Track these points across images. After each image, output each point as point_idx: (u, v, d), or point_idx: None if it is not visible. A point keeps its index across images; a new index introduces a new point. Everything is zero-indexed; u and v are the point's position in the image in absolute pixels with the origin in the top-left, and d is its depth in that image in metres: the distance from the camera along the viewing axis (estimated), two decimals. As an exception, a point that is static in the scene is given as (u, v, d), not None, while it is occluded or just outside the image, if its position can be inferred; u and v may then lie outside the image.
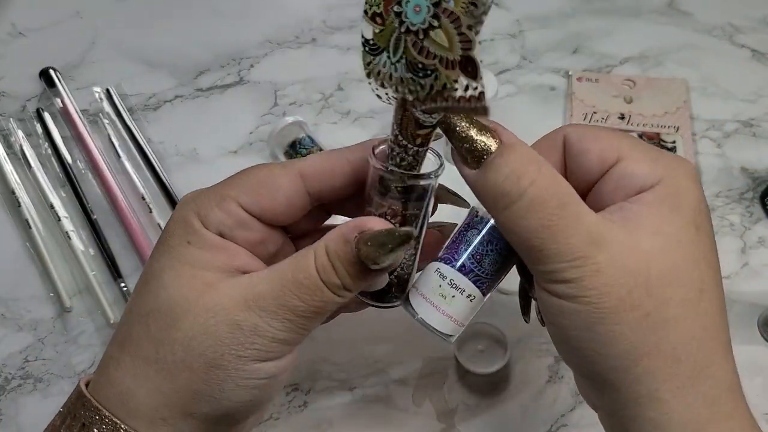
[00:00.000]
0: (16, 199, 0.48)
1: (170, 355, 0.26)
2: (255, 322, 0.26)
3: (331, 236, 0.27)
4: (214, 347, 0.26)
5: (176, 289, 0.27)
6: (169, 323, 0.26)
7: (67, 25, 0.62)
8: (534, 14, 0.63)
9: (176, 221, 0.29)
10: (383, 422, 0.40)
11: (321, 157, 0.30)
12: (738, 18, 0.62)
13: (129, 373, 0.27)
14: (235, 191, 0.29)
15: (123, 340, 0.28)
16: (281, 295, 0.26)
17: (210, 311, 0.26)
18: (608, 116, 0.55)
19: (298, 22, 0.63)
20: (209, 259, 0.27)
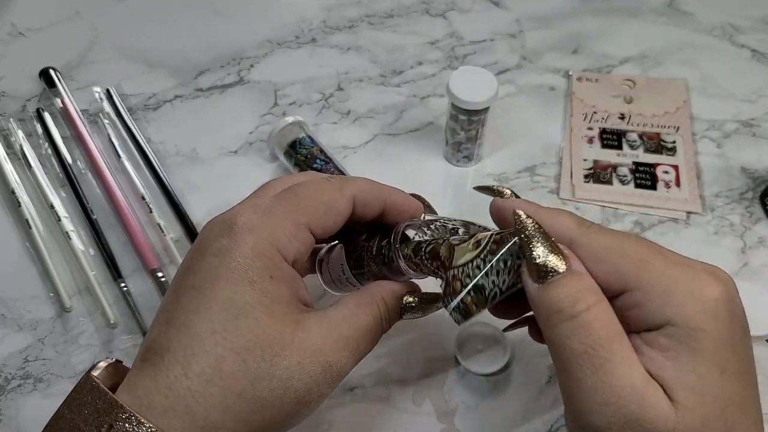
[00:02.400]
0: (16, 199, 0.48)
1: (268, 392, 0.27)
2: (343, 363, 0.29)
3: (387, 293, 0.32)
4: (307, 385, 0.28)
5: (271, 326, 0.28)
6: (269, 361, 0.27)
7: (67, 25, 0.62)
8: (534, 14, 0.63)
9: (255, 253, 0.29)
10: (383, 422, 0.40)
11: (368, 190, 0.33)
12: (738, 18, 0.62)
13: (219, 407, 0.27)
14: (307, 218, 0.30)
15: (207, 372, 0.27)
16: (360, 338, 0.30)
17: (306, 351, 0.28)
18: (608, 116, 0.55)
19: (298, 22, 0.63)
20: (289, 294, 0.29)
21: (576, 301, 0.25)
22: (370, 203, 0.33)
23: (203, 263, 0.29)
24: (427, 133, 0.54)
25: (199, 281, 0.29)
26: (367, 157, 0.53)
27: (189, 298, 0.29)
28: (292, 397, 0.28)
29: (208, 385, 0.27)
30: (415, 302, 0.32)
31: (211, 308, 0.28)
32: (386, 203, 0.33)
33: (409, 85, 0.58)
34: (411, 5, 0.64)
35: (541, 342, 0.32)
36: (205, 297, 0.28)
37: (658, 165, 0.52)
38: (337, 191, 0.31)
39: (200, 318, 0.28)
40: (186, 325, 0.28)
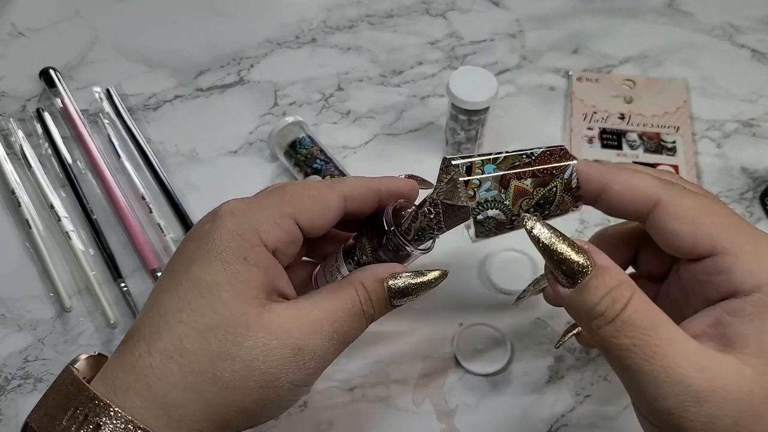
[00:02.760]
0: (16, 199, 0.48)
1: (229, 372, 0.27)
2: (315, 345, 0.28)
3: (366, 276, 0.31)
4: (273, 368, 0.27)
5: (237, 306, 0.27)
6: (231, 340, 0.27)
7: (67, 25, 0.62)
8: (534, 14, 0.63)
9: (232, 234, 0.28)
10: (383, 422, 0.40)
11: (360, 184, 0.32)
12: (738, 18, 0.62)
13: (179, 385, 0.26)
14: (292, 208, 0.30)
15: (169, 348, 0.27)
16: (335, 321, 0.29)
17: (272, 332, 0.27)
18: (608, 116, 0.55)
19: (298, 22, 0.63)
20: (262, 279, 0.29)
21: (613, 302, 0.25)
22: (363, 197, 0.32)
23: (184, 247, 0.30)
24: (427, 133, 0.54)
25: (176, 264, 0.29)
26: (367, 157, 0.53)
27: (164, 280, 0.29)
28: (257, 380, 0.27)
29: (168, 361, 0.27)
30: (401, 283, 0.31)
31: (180, 287, 0.28)
32: (381, 193, 0.33)
33: (409, 85, 0.58)
34: (411, 5, 0.64)
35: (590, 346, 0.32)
36: (177, 277, 0.28)
37: (658, 165, 0.52)
38: (327, 188, 0.31)
39: (169, 296, 0.28)
40: (156, 304, 0.28)
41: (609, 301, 0.25)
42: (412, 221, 0.32)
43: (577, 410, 0.40)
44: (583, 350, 0.42)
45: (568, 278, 0.25)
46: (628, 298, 0.25)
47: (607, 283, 0.25)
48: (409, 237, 0.32)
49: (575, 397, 0.41)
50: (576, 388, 0.41)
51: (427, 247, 0.33)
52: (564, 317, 0.43)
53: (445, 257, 0.46)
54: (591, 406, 0.40)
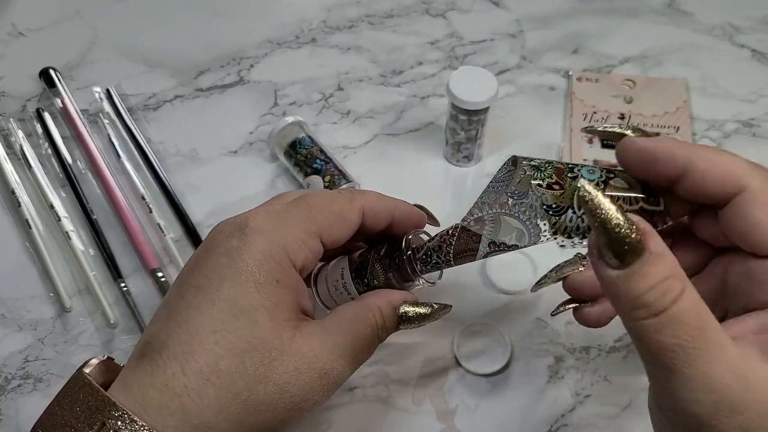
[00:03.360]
0: (16, 199, 0.48)
1: (263, 395, 0.27)
2: (339, 372, 0.30)
3: (383, 303, 0.32)
4: (302, 392, 0.28)
5: (271, 330, 0.28)
6: (266, 364, 0.28)
7: (67, 25, 0.62)
8: (534, 14, 0.63)
9: (264, 256, 0.29)
10: (383, 422, 0.40)
11: (377, 200, 0.33)
12: (738, 18, 0.62)
13: (213, 406, 0.27)
14: (317, 226, 0.31)
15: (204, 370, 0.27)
16: (356, 347, 0.30)
17: (303, 357, 0.28)
18: (608, 116, 0.55)
19: (298, 22, 0.63)
20: (292, 300, 0.29)
21: (663, 294, 0.22)
22: (379, 215, 0.33)
23: (210, 262, 0.29)
24: (427, 133, 0.54)
25: (204, 280, 0.29)
26: (367, 157, 0.53)
27: (192, 296, 0.29)
28: (287, 403, 0.28)
29: (205, 384, 0.27)
30: (411, 312, 0.33)
31: (214, 307, 0.28)
32: (394, 215, 0.34)
33: (409, 85, 0.58)
34: (411, 5, 0.64)
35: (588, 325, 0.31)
36: (209, 296, 0.28)
37: (658, 165, 0.52)
38: (348, 202, 0.32)
39: (202, 316, 0.28)
40: (187, 322, 0.28)
41: (659, 293, 0.22)
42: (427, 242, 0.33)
43: (577, 410, 0.40)
44: (583, 350, 0.42)
45: (618, 258, 0.22)
46: (679, 293, 0.22)
47: (660, 272, 0.22)
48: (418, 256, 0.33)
49: (575, 397, 0.41)
50: (576, 388, 0.41)
51: (433, 280, 0.34)
52: (564, 317, 0.43)
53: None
54: (591, 406, 0.40)
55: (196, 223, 0.49)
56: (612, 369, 0.42)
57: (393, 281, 0.34)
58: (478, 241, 0.31)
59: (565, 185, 0.29)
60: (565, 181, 0.29)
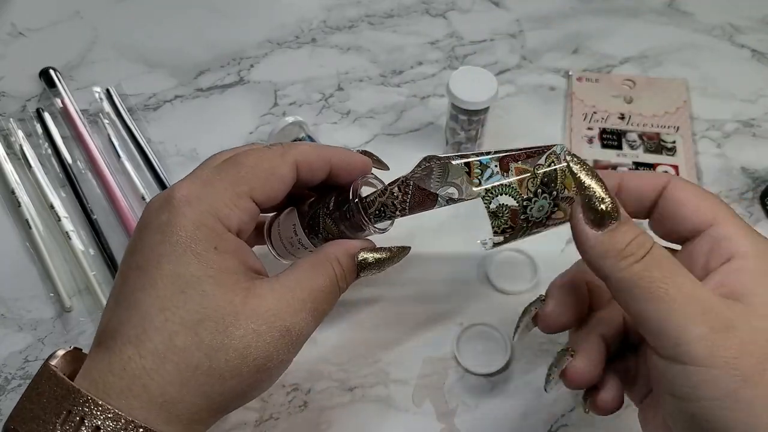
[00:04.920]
0: (16, 199, 0.48)
1: (224, 362, 0.27)
2: (302, 326, 0.29)
3: (341, 253, 0.32)
4: (265, 352, 0.28)
5: (221, 296, 0.27)
6: (222, 331, 0.27)
7: (67, 25, 0.62)
8: (534, 14, 0.63)
9: (196, 225, 0.28)
10: (383, 422, 0.40)
11: (311, 151, 0.32)
12: (738, 18, 0.62)
13: (176, 382, 0.26)
14: (248, 186, 0.30)
15: (160, 349, 0.27)
16: (317, 299, 0.30)
17: (260, 317, 0.28)
18: (608, 116, 0.55)
19: (298, 22, 0.63)
20: (236, 263, 0.29)
21: (642, 244, 0.26)
22: (314, 166, 0.32)
23: (146, 241, 0.29)
24: (427, 133, 0.54)
25: (143, 260, 0.28)
26: (367, 157, 0.53)
27: (135, 278, 0.28)
28: (251, 366, 0.27)
29: (162, 361, 0.26)
30: (371, 257, 0.32)
31: (157, 285, 0.28)
32: (332, 164, 0.33)
33: (409, 85, 0.58)
34: (411, 5, 0.64)
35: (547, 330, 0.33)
36: (151, 274, 0.28)
37: (658, 165, 0.52)
38: (279, 157, 0.31)
39: (148, 296, 0.28)
40: (135, 305, 0.28)
41: (638, 243, 0.26)
42: (378, 197, 0.32)
43: (577, 410, 0.40)
44: (583, 350, 0.42)
45: (599, 218, 0.27)
46: (651, 243, 0.27)
47: (634, 229, 0.27)
48: (369, 212, 0.32)
49: (575, 397, 0.41)
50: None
51: (383, 228, 0.34)
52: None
53: (444, 257, 0.46)
54: (591, 406, 0.40)
55: (196, 223, 0.49)
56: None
57: (347, 233, 0.33)
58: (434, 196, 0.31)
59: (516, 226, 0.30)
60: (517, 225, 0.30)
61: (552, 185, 0.30)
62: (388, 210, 0.32)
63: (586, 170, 0.28)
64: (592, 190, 0.27)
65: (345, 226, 0.33)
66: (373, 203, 0.32)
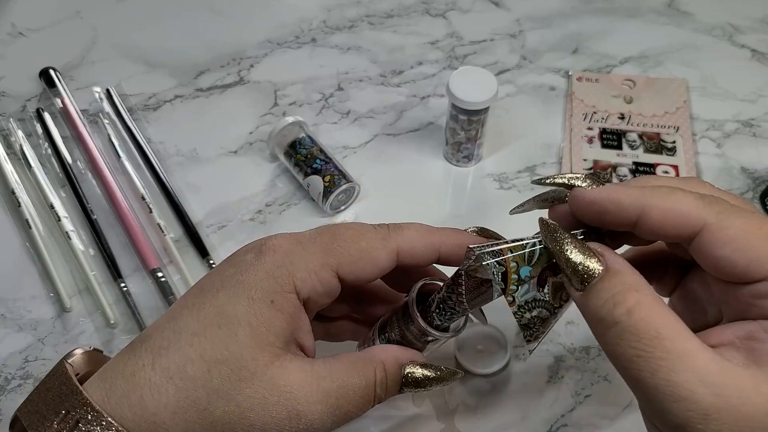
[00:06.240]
0: (16, 199, 0.48)
1: (221, 412, 0.26)
2: (314, 418, 0.27)
3: (389, 358, 0.30)
4: (265, 424, 0.26)
5: (249, 349, 0.27)
6: (233, 382, 0.26)
7: (67, 25, 0.62)
8: (534, 14, 0.63)
9: (267, 274, 0.28)
10: (383, 422, 0.40)
11: (417, 238, 0.30)
12: (738, 18, 0.62)
13: (170, 407, 0.26)
14: (336, 260, 0.29)
15: (172, 368, 0.26)
16: (343, 397, 0.28)
17: (276, 389, 0.27)
18: (608, 116, 0.55)
19: (298, 22, 0.63)
20: (283, 326, 0.28)
21: (615, 306, 0.23)
22: (419, 253, 0.30)
23: (221, 269, 0.29)
24: (427, 133, 0.54)
25: (207, 284, 0.29)
26: (367, 157, 0.53)
27: (191, 296, 0.29)
28: (244, 429, 0.26)
29: (167, 382, 0.26)
30: (418, 373, 0.30)
31: (202, 310, 0.27)
32: (441, 252, 0.31)
33: (409, 85, 0.58)
34: (411, 5, 0.64)
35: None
36: (203, 299, 0.28)
37: (658, 165, 0.52)
38: (379, 240, 0.30)
39: (188, 316, 0.28)
40: (176, 319, 0.28)
41: (610, 305, 0.23)
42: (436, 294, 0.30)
43: (577, 410, 0.40)
44: (583, 350, 0.42)
45: (578, 280, 0.25)
46: (631, 304, 0.23)
47: (612, 287, 0.24)
48: (430, 310, 0.30)
49: (575, 397, 0.41)
50: (576, 388, 0.41)
51: (454, 331, 0.31)
52: (564, 317, 0.43)
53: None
54: (591, 406, 0.40)
55: (196, 223, 0.49)
56: (612, 369, 0.41)
57: (411, 338, 0.31)
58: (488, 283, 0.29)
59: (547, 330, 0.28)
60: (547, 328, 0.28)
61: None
62: (447, 306, 0.30)
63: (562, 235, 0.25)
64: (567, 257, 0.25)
65: (409, 331, 0.31)
66: (433, 302, 0.30)
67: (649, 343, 0.23)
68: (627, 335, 0.23)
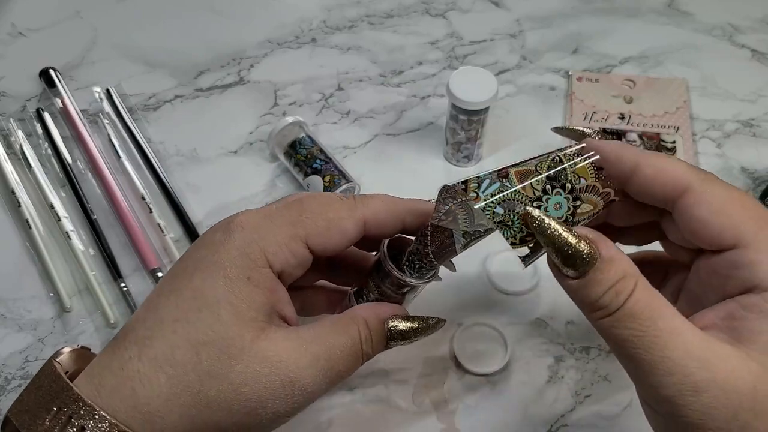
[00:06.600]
0: (16, 199, 0.48)
1: (216, 392, 0.26)
2: (307, 382, 0.28)
3: (370, 315, 0.30)
4: (260, 396, 0.27)
5: (233, 327, 0.27)
6: (223, 361, 0.27)
7: (67, 25, 0.62)
8: (534, 14, 0.63)
9: (240, 252, 0.28)
10: (383, 422, 0.40)
11: (382, 208, 0.31)
12: (738, 18, 0.62)
13: (163, 395, 0.26)
14: (305, 231, 0.29)
15: (159, 357, 0.26)
16: (332, 358, 0.28)
17: (266, 360, 0.27)
18: (608, 116, 0.55)
19: (298, 22, 0.63)
20: (263, 300, 0.28)
21: (617, 295, 0.25)
22: (384, 223, 0.31)
23: (192, 253, 0.29)
24: (427, 133, 0.54)
25: (180, 269, 0.29)
26: (367, 157, 0.53)
27: (167, 283, 0.29)
28: (241, 404, 0.27)
29: (157, 371, 0.26)
30: (402, 326, 0.31)
31: (180, 296, 0.28)
32: (405, 222, 0.32)
33: (409, 85, 0.58)
34: (411, 5, 0.64)
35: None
36: (179, 284, 0.28)
37: (658, 165, 0.52)
38: (346, 210, 0.30)
39: (168, 303, 0.28)
40: (156, 308, 0.28)
41: (612, 294, 0.25)
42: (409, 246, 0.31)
43: (577, 410, 0.40)
44: (583, 350, 0.42)
45: (573, 270, 0.25)
46: (631, 290, 0.25)
47: (612, 276, 0.25)
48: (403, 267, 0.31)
49: (575, 397, 0.41)
50: (576, 388, 0.41)
51: (428, 278, 0.32)
52: (564, 317, 0.43)
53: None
54: (591, 406, 0.40)
55: (196, 223, 0.49)
56: (612, 369, 0.42)
57: (389, 292, 0.32)
58: (451, 235, 0.29)
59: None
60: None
61: (563, 178, 0.28)
62: (415, 260, 0.31)
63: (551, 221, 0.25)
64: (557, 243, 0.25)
65: (386, 286, 0.32)
66: (403, 254, 0.31)
67: (645, 323, 0.24)
68: (625, 318, 0.24)
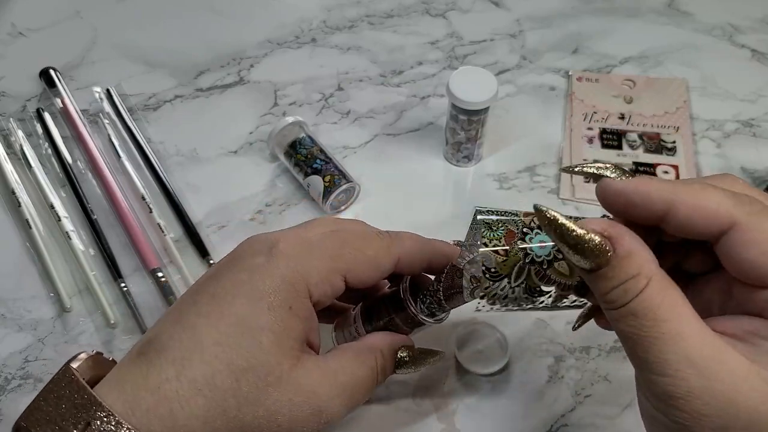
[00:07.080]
0: (16, 199, 0.48)
1: (251, 417, 0.27)
2: (334, 411, 0.29)
3: (385, 345, 0.33)
4: (292, 424, 0.28)
5: (274, 355, 0.28)
6: (261, 388, 0.27)
7: (67, 25, 0.62)
8: (534, 14, 0.63)
9: (284, 281, 0.29)
10: (383, 422, 0.40)
11: (415, 249, 0.33)
12: (738, 18, 0.62)
13: (200, 418, 0.26)
14: (346, 266, 0.30)
15: (199, 380, 0.27)
16: (355, 388, 0.30)
17: (300, 389, 0.28)
18: (608, 116, 0.55)
19: (298, 22, 0.63)
20: (301, 329, 0.29)
21: (625, 292, 0.24)
22: (414, 263, 0.33)
23: (231, 275, 0.29)
24: (427, 133, 0.54)
25: (221, 290, 0.29)
26: (367, 157, 0.53)
27: (205, 304, 0.29)
28: (273, 430, 0.28)
29: (196, 394, 0.27)
30: (408, 357, 0.33)
31: (222, 320, 0.28)
32: (431, 262, 0.33)
33: (409, 85, 0.58)
34: (411, 5, 0.64)
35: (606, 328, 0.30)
36: (221, 307, 0.28)
37: (658, 165, 0.52)
38: (385, 249, 0.32)
39: (209, 326, 0.28)
40: (194, 328, 0.28)
41: (620, 291, 0.24)
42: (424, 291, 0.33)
43: (577, 410, 0.40)
44: (583, 350, 0.42)
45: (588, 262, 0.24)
46: (639, 290, 0.23)
47: (623, 273, 0.24)
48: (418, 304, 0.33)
49: (575, 397, 0.41)
50: (576, 388, 0.41)
51: (438, 318, 0.34)
52: (564, 317, 0.43)
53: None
54: (591, 406, 0.40)
55: (196, 223, 0.49)
56: (612, 369, 0.42)
57: (401, 324, 0.34)
58: (461, 276, 0.30)
59: (510, 252, 0.28)
60: (512, 248, 0.28)
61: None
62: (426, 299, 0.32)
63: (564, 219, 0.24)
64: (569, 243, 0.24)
65: (399, 317, 0.34)
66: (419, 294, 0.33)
67: (647, 323, 0.24)
68: (628, 316, 0.24)
